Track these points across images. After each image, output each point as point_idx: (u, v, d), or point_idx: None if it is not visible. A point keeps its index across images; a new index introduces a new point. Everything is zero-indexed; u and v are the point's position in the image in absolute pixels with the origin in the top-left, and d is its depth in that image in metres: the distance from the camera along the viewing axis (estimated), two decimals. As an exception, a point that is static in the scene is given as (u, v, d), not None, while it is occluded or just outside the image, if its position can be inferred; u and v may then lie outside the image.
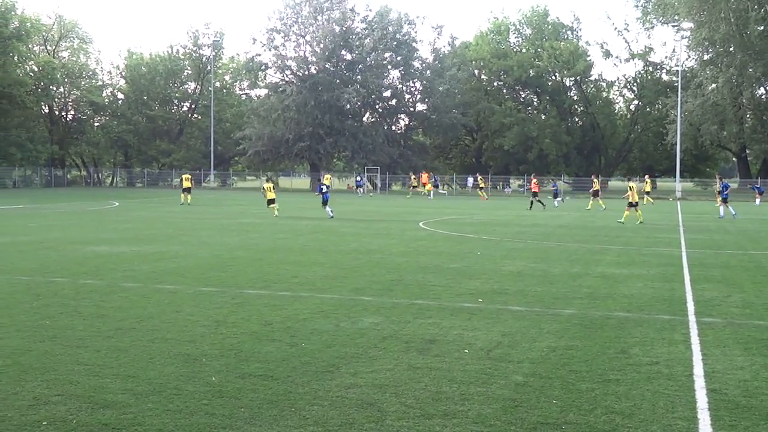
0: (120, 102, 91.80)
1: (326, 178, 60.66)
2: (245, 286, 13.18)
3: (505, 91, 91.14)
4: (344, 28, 77.46)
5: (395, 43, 77.78)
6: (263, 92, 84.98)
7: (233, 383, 7.22)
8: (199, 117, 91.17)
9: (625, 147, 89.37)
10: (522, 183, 77.18)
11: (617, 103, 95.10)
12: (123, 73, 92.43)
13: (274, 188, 35.00)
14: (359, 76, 78.42)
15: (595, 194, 44.17)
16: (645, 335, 9.57)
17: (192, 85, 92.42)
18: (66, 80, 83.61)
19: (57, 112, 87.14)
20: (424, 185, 62.33)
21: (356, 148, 76.64)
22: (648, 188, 54.36)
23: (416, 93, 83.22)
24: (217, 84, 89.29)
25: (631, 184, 31.36)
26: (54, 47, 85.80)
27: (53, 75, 79.42)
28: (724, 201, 35.26)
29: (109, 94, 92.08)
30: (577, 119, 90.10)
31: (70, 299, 11.75)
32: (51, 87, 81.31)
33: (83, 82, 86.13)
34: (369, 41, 76.78)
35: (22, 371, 7.58)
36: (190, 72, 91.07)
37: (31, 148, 76.36)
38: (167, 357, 8.20)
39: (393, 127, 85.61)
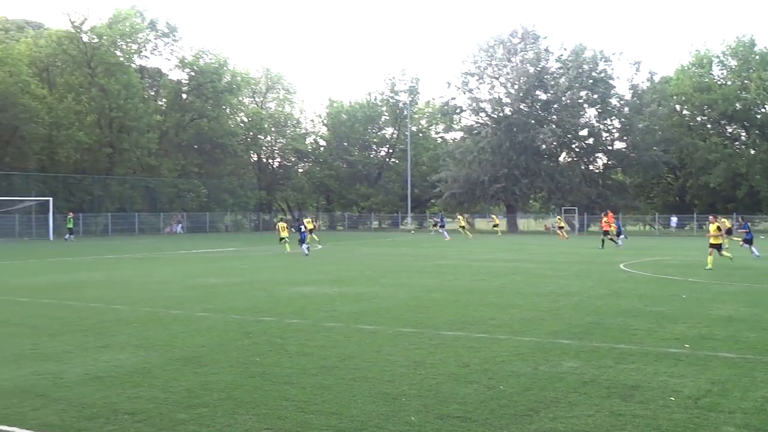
0: (322, 148, 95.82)
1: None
2: (443, 328, 13.29)
3: (709, 126, 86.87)
4: (538, 68, 77.15)
5: (591, 81, 76.47)
6: (458, 135, 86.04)
7: (432, 423, 7.30)
8: (397, 161, 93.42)
9: None
10: (733, 223, 73.06)
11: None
12: (325, 121, 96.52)
13: (288, 228, 38.50)
14: (554, 116, 77.70)
15: (728, 232, 40.75)
16: None
17: (389, 130, 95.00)
18: (273, 129, 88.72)
19: (264, 160, 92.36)
20: (608, 226, 58.98)
21: (552, 189, 75.74)
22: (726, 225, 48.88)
23: (614, 131, 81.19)
24: (414, 128, 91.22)
25: (716, 223, 27.65)
26: (262, 99, 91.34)
27: (261, 125, 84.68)
28: (747, 242, 33.28)
29: (312, 141, 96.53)
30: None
31: (278, 337, 12.32)
32: (259, 136, 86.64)
33: (288, 131, 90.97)
34: (564, 80, 75.99)
35: (235, 405, 8.04)
36: (387, 117, 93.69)
37: (242, 194, 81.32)
38: (368, 396, 8.41)
39: (590, 167, 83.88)
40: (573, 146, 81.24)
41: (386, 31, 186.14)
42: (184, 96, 78.56)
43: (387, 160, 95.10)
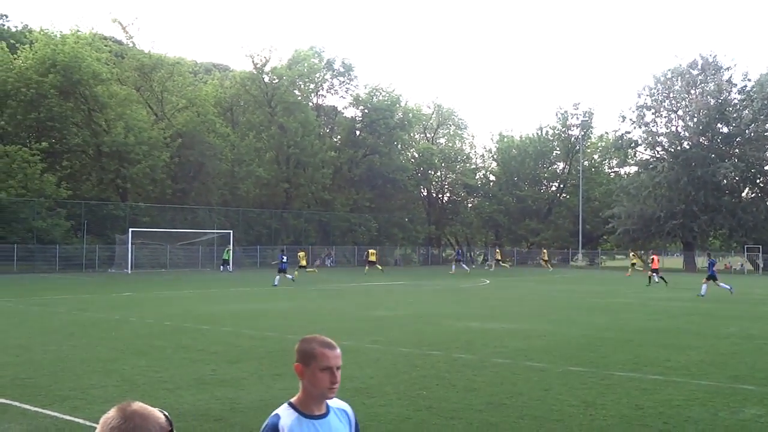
0: (491, 183, 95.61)
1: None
2: (615, 368, 12.88)
3: None
4: (720, 101, 73.88)
5: (778, 113, 72.43)
6: (633, 170, 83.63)
7: (602, 466, 7.08)
8: (568, 196, 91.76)
9: None
10: None
11: None
12: (495, 156, 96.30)
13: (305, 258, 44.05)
14: (737, 150, 74.05)
15: None
16: None
17: (561, 165, 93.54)
18: (443, 164, 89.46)
19: (434, 195, 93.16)
20: (656, 264, 53.97)
21: (734, 226, 72.02)
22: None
23: (802, 165, 76.40)
24: (586, 163, 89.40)
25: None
26: (432, 134, 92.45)
27: (431, 160, 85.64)
28: (711, 278, 33.29)
29: (482, 176, 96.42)
30: None
31: (445, 371, 12.34)
32: (429, 171, 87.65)
33: (458, 166, 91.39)
34: (748, 112, 72.35)
35: (402, 437, 8.11)
36: (558, 152, 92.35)
37: (411, 228, 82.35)
38: (536, 434, 8.27)
39: (778, 203, 79.18)
40: (757, 181, 77.06)
41: (558, 65, 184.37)
42: (358, 132, 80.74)
43: (558, 195, 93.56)
